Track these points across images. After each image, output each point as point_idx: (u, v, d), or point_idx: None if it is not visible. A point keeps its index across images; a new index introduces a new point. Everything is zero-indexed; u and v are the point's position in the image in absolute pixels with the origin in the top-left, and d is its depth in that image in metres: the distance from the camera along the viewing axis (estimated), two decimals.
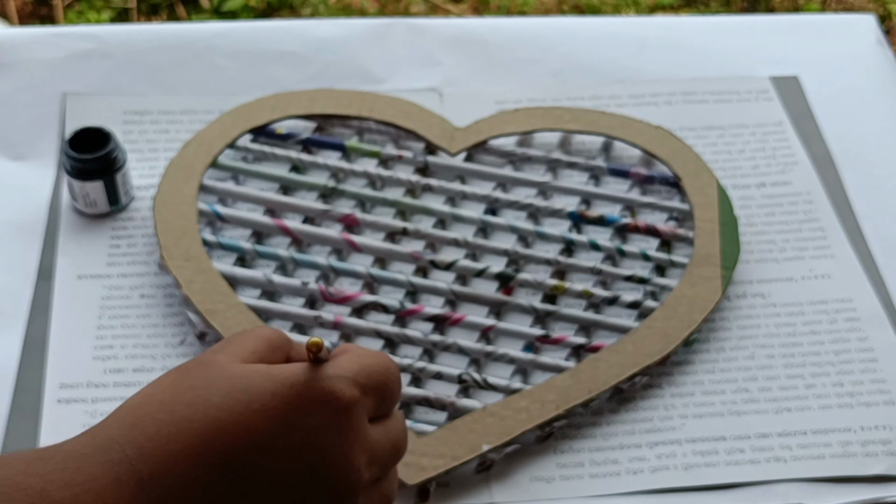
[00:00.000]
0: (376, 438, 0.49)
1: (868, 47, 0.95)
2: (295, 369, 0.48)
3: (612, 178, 0.84)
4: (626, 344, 0.73)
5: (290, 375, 0.47)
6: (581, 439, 0.71)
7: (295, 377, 0.47)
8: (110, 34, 0.93)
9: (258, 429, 0.46)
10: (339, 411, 0.47)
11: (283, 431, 0.46)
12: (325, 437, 0.47)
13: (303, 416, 0.47)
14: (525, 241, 0.80)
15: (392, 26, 0.95)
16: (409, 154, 0.84)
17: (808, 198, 0.84)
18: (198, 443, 0.46)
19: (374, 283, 0.77)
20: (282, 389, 0.47)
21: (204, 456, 0.46)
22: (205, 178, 0.81)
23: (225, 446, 0.46)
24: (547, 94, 0.90)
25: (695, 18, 1.18)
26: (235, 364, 0.49)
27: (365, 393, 0.49)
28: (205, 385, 0.47)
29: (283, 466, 0.46)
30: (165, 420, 0.47)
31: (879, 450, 0.70)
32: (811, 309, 0.78)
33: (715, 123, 0.89)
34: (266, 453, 0.46)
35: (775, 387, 0.73)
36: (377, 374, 0.50)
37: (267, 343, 0.51)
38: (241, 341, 0.51)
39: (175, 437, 0.46)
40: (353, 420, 0.48)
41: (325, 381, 0.47)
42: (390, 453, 0.51)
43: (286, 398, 0.47)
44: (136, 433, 0.46)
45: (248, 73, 0.91)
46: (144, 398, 0.48)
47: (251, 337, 0.51)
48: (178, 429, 0.46)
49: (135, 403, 0.48)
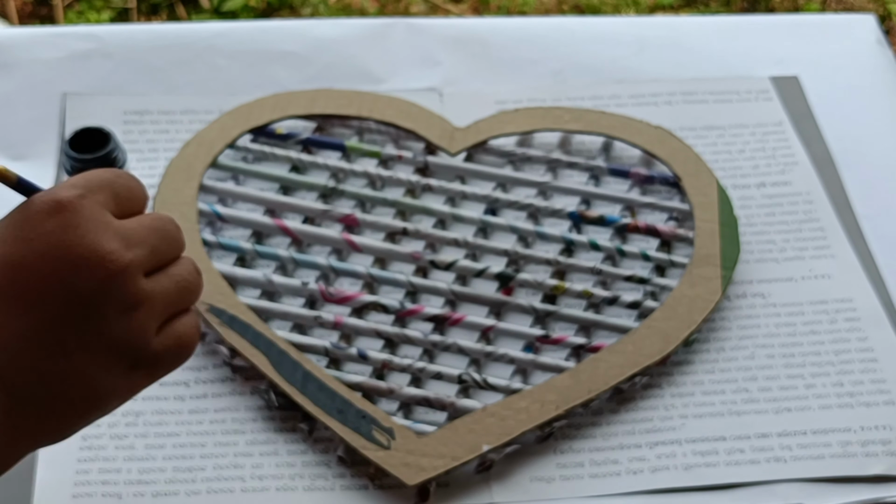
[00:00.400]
0: (127, 225, 0.51)
1: (868, 47, 0.95)
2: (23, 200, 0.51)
3: (612, 178, 0.84)
4: (626, 344, 0.73)
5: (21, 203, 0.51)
6: (581, 439, 0.71)
7: (22, 202, 0.51)
8: (110, 34, 0.93)
9: (4, 254, 0.49)
10: (64, 209, 0.49)
11: (24, 245, 0.49)
12: (63, 235, 0.49)
13: (36, 226, 0.49)
14: (525, 241, 0.80)
15: (392, 26, 0.95)
16: (409, 154, 0.84)
17: (808, 198, 0.84)
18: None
19: (374, 283, 0.77)
20: (15, 216, 0.50)
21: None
22: (205, 178, 0.81)
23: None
24: (547, 94, 0.90)
25: (695, 18, 1.18)
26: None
27: (90, 190, 0.51)
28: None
29: (39, 273, 0.49)
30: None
31: (879, 450, 0.70)
32: (811, 309, 0.78)
33: (715, 123, 0.89)
34: (19, 268, 0.49)
35: (775, 387, 0.73)
36: (98, 175, 0.52)
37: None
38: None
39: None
40: (86, 213, 0.50)
41: (44, 194, 0.50)
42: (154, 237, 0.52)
43: (18, 220, 0.50)
44: None
45: (248, 73, 0.91)
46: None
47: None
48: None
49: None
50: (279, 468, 0.69)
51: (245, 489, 0.68)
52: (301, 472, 0.68)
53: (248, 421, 0.71)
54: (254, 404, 0.71)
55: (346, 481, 0.68)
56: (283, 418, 0.71)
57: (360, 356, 0.73)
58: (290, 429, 0.70)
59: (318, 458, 0.69)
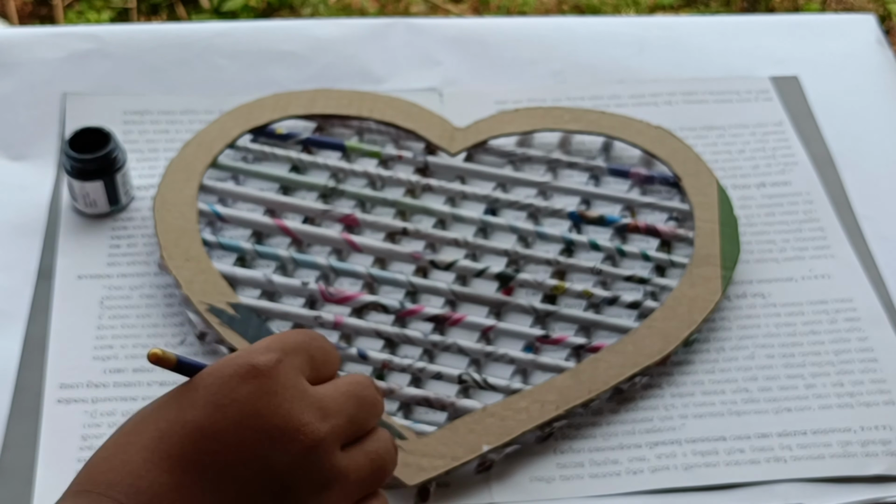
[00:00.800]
0: (322, 392, 0.50)
1: (868, 47, 0.95)
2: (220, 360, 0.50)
3: (612, 178, 0.84)
4: (626, 344, 0.73)
5: (213, 365, 0.50)
6: (581, 439, 0.71)
7: (215, 364, 0.49)
8: (110, 34, 0.93)
9: (195, 420, 0.48)
10: (262, 375, 0.48)
11: (218, 413, 0.48)
12: (258, 403, 0.48)
13: (230, 392, 0.48)
14: (525, 241, 0.80)
15: (392, 26, 0.95)
16: (409, 154, 0.84)
17: (808, 198, 0.84)
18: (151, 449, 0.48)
19: (374, 283, 0.77)
20: (208, 379, 0.49)
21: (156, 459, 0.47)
22: (205, 178, 0.81)
23: (173, 447, 0.48)
24: (547, 94, 0.90)
25: (695, 18, 1.18)
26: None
27: (286, 353, 0.50)
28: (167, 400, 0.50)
29: (232, 444, 0.48)
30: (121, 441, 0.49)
31: (879, 450, 0.70)
32: (811, 309, 0.78)
33: (715, 123, 0.89)
34: (212, 438, 0.48)
35: (775, 387, 0.73)
36: (293, 337, 0.51)
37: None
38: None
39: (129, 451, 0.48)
40: (282, 379, 0.49)
41: (239, 357, 0.49)
42: (350, 405, 0.51)
43: (211, 385, 0.48)
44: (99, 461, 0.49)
45: (248, 73, 0.91)
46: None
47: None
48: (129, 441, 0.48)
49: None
50: None
51: None
52: None
53: None
54: None
55: None
56: None
57: (360, 356, 0.73)
58: None
59: None
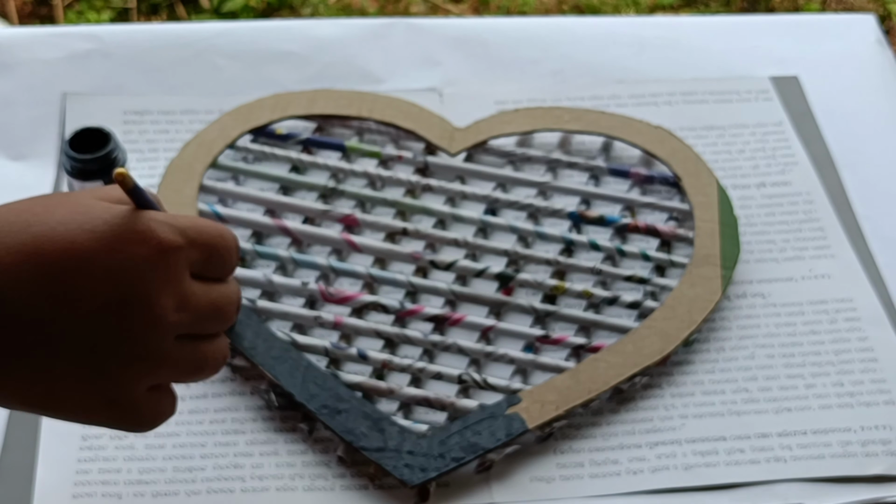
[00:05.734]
0: (194, 290, 0.53)
1: (868, 47, 0.95)
2: (131, 208, 0.52)
3: (612, 178, 0.84)
4: (626, 344, 0.73)
5: (124, 210, 0.52)
6: (581, 439, 0.71)
7: (127, 212, 0.52)
8: (110, 34, 0.93)
9: (82, 245, 0.50)
10: (157, 250, 0.51)
11: (104, 254, 0.50)
12: (138, 269, 0.50)
13: (125, 245, 0.50)
14: (525, 242, 0.80)
15: (392, 26, 0.95)
16: (408, 154, 0.84)
17: (808, 198, 0.84)
18: (29, 243, 0.50)
19: (374, 283, 0.77)
20: (113, 219, 0.51)
21: (32, 256, 0.50)
22: (205, 179, 0.81)
23: (52, 253, 0.50)
24: (547, 94, 0.90)
25: (695, 18, 1.18)
26: (90, 198, 0.53)
27: (190, 244, 0.52)
28: (54, 204, 0.52)
29: (96, 285, 0.50)
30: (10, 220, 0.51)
31: (879, 450, 0.70)
32: (811, 309, 0.78)
33: (715, 123, 0.89)
34: (85, 269, 0.50)
35: (775, 387, 0.73)
36: (208, 233, 0.54)
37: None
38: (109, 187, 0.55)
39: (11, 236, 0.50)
40: (170, 263, 0.51)
41: (151, 222, 0.51)
42: (208, 310, 0.53)
43: (114, 226, 0.51)
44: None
45: (248, 73, 0.91)
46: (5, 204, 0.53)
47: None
48: (17, 229, 0.50)
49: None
50: (279, 468, 0.69)
51: (245, 489, 0.68)
52: (301, 472, 0.69)
53: (248, 421, 0.71)
54: (254, 404, 0.71)
55: (346, 481, 0.68)
56: (283, 418, 0.71)
57: (360, 356, 0.73)
58: (290, 429, 0.70)
59: (318, 458, 0.69)
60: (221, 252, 0.54)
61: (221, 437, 0.70)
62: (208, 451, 0.69)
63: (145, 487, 0.67)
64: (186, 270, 0.52)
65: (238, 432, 0.70)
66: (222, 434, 0.70)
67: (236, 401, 0.72)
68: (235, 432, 0.70)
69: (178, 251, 0.51)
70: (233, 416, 0.71)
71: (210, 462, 0.69)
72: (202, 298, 0.53)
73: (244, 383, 0.72)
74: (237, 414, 0.71)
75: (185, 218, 0.53)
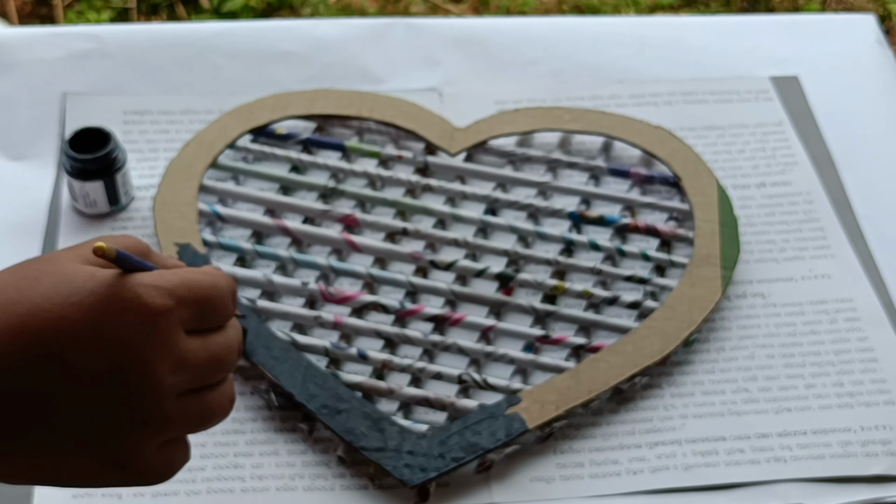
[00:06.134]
0: (190, 348, 0.51)
1: (868, 47, 0.95)
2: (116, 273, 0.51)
3: (611, 178, 0.84)
4: (626, 344, 0.73)
5: (109, 277, 0.50)
6: (581, 439, 0.71)
7: (113, 279, 0.50)
8: (110, 34, 0.93)
9: (72, 319, 0.49)
10: (148, 317, 0.49)
11: (93, 326, 0.49)
12: (130, 338, 0.49)
13: (114, 315, 0.49)
14: (525, 242, 0.80)
15: (392, 26, 0.95)
16: (409, 154, 0.84)
17: (808, 198, 0.84)
18: (16, 324, 0.49)
19: (374, 283, 0.77)
20: (99, 288, 0.50)
21: (20, 336, 0.49)
22: (205, 179, 0.81)
23: (40, 331, 0.49)
24: (547, 94, 0.90)
25: (695, 18, 1.18)
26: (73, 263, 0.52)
27: (181, 304, 0.51)
28: (36, 275, 0.51)
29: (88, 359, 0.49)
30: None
31: (879, 450, 0.70)
32: (811, 309, 0.78)
33: (715, 123, 0.89)
34: (75, 344, 0.49)
35: (775, 387, 0.73)
36: (199, 287, 0.52)
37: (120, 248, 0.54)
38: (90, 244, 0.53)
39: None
40: (161, 327, 0.50)
41: (138, 287, 0.50)
42: (207, 364, 0.52)
43: (101, 297, 0.49)
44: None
45: (248, 73, 0.91)
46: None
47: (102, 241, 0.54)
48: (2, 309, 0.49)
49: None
50: (279, 468, 0.69)
51: (245, 489, 0.68)
52: (301, 472, 0.69)
53: (248, 421, 0.71)
54: (254, 404, 0.71)
55: (346, 481, 0.68)
56: (283, 418, 0.71)
57: (360, 356, 0.73)
58: (290, 429, 0.70)
59: (318, 458, 0.69)
60: (215, 303, 0.53)
61: (221, 437, 0.70)
62: (208, 451, 0.69)
63: (145, 487, 0.67)
64: (180, 330, 0.51)
65: (238, 432, 0.70)
66: (222, 434, 0.70)
67: (236, 401, 0.71)
68: (235, 432, 0.70)
69: (168, 314, 0.50)
70: (233, 416, 0.71)
71: (210, 462, 0.69)
72: (200, 354, 0.52)
73: (244, 383, 0.72)
74: (237, 414, 0.71)
75: (175, 275, 0.52)
